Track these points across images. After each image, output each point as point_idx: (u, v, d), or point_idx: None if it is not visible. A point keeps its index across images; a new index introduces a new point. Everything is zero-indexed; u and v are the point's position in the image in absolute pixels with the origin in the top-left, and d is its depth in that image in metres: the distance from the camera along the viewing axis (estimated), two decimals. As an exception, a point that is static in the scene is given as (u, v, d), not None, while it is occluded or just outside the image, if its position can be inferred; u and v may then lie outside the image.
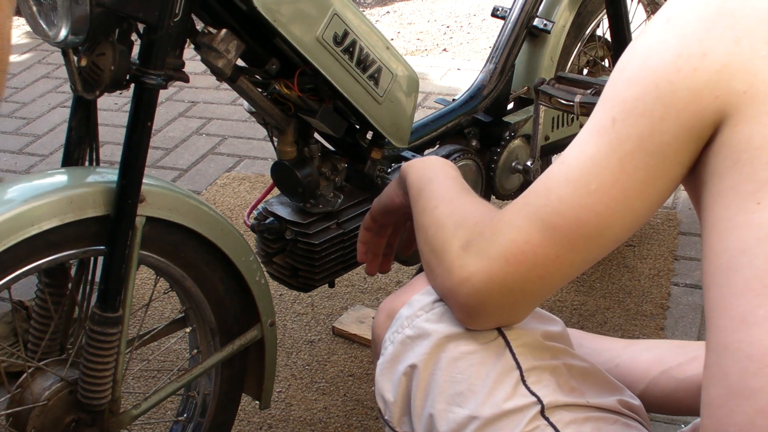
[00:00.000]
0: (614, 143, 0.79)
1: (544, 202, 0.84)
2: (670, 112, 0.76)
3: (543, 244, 0.84)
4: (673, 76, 0.76)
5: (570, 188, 0.82)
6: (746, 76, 0.73)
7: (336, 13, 1.29)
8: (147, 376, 1.79)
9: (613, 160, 0.79)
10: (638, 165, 0.78)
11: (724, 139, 0.74)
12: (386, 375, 1.00)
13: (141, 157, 1.16)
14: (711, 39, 0.75)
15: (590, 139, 0.82)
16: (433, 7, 3.99)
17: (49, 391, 1.22)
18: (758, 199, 0.70)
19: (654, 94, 0.77)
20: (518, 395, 0.90)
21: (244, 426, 1.67)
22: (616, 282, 2.04)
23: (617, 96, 0.80)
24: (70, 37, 1.11)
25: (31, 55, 3.53)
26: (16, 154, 2.76)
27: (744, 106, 0.73)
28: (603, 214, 0.81)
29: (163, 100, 3.00)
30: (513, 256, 0.86)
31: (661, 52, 0.77)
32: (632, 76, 0.79)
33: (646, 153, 0.78)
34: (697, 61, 0.75)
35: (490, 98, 1.72)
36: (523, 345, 0.93)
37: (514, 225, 0.86)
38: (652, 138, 0.77)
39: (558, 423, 0.89)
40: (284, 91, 1.34)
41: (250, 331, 1.37)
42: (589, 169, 0.81)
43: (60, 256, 1.16)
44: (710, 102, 0.75)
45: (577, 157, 0.83)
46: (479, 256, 0.88)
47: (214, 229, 1.27)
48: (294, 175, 1.42)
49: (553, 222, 0.83)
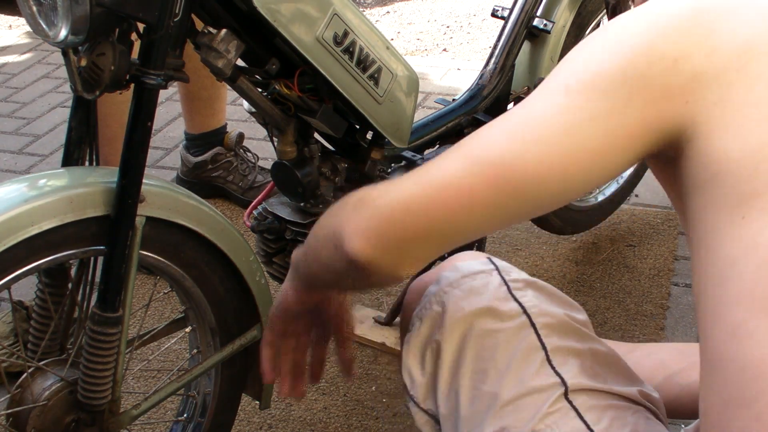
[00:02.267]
0: (563, 108, 0.77)
1: (475, 143, 0.82)
2: (635, 102, 0.75)
3: (465, 175, 0.79)
4: (643, 68, 0.75)
5: (502, 134, 0.80)
6: (719, 88, 0.73)
7: (336, 13, 1.29)
8: (147, 376, 1.79)
9: (558, 121, 0.77)
10: (585, 138, 0.77)
11: (700, 149, 0.74)
12: (413, 351, 1.00)
13: (141, 157, 1.16)
14: (686, 45, 0.74)
15: (538, 98, 0.80)
16: (433, 7, 3.99)
17: (49, 391, 1.22)
18: (743, 213, 0.70)
19: (621, 78, 0.76)
20: (544, 374, 0.91)
21: (244, 426, 1.67)
22: (616, 282, 2.04)
23: (577, 67, 0.79)
24: (70, 37, 1.11)
25: (31, 55, 3.53)
26: (16, 154, 2.76)
27: (716, 118, 0.73)
28: (532, 169, 0.78)
29: (163, 100, 2.99)
30: (427, 183, 0.81)
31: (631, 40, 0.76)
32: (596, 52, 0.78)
33: (597, 129, 0.76)
34: (670, 63, 0.74)
35: (490, 98, 1.72)
36: (548, 326, 0.94)
37: (437, 160, 0.83)
38: (608, 118, 0.76)
39: (580, 407, 0.90)
40: (284, 91, 1.34)
41: (250, 331, 1.37)
42: (529, 121, 0.79)
43: (60, 256, 1.15)
44: (680, 105, 0.74)
45: (519, 111, 0.81)
46: (390, 183, 0.84)
47: (214, 229, 1.27)
48: (294, 175, 1.42)
49: (476, 155, 0.80)
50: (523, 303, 0.96)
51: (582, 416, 0.89)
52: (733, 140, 0.72)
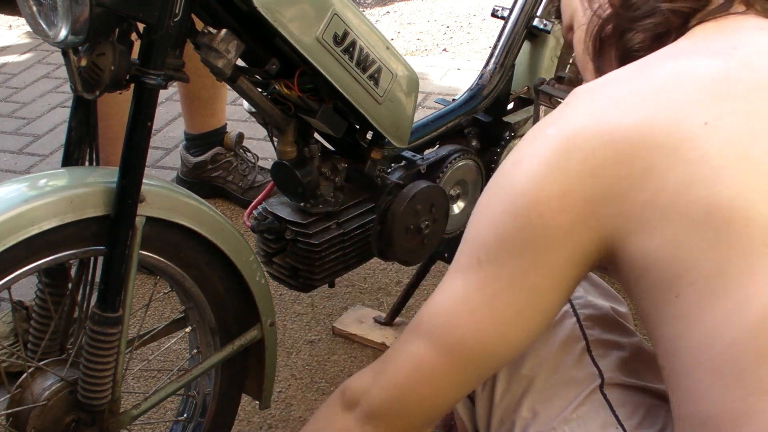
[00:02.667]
0: (482, 282, 0.82)
1: (413, 337, 0.87)
2: (544, 252, 0.79)
3: (421, 366, 0.86)
4: (537, 221, 0.78)
5: (439, 322, 0.85)
6: (614, 201, 0.76)
7: (336, 13, 1.29)
8: (147, 376, 1.79)
9: (481, 297, 0.82)
10: (510, 301, 0.81)
11: (622, 256, 0.77)
12: None
13: (141, 157, 1.16)
14: (568, 178, 0.76)
15: (457, 277, 0.85)
16: (433, 7, 3.99)
17: (49, 391, 1.22)
18: (675, 292, 0.74)
19: (521, 239, 0.79)
20: (583, 365, 0.93)
21: (244, 426, 1.67)
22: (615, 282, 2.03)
23: (481, 237, 0.83)
24: (70, 37, 1.11)
25: (31, 55, 3.53)
26: (16, 154, 2.76)
27: (623, 224, 0.76)
28: (473, 347, 0.84)
29: (163, 100, 2.99)
30: (401, 384, 0.88)
31: (519, 197, 0.79)
32: (494, 219, 0.81)
33: (519, 290, 0.81)
34: (559, 204, 0.77)
35: (490, 98, 1.72)
36: (591, 318, 0.95)
37: (391, 356, 0.90)
38: (526, 276, 0.80)
39: (614, 402, 0.91)
40: (284, 91, 1.34)
41: (250, 331, 1.37)
42: (456, 305, 0.84)
43: (60, 256, 1.15)
44: (585, 233, 0.77)
45: (446, 294, 0.86)
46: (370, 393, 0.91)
47: (214, 229, 1.27)
48: (294, 175, 1.42)
49: (422, 354, 0.86)
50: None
51: (614, 410, 0.91)
52: (647, 238, 0.75)
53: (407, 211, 1.50)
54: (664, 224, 0.74)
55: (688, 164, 0.73)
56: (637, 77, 0.79)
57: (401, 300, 1.87)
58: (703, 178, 0.72)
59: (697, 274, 0.73)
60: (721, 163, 0.72)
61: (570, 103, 0.81)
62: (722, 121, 0.74)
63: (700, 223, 0.72)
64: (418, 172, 1.57)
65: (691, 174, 0.73)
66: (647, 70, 0.79)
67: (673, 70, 0.78)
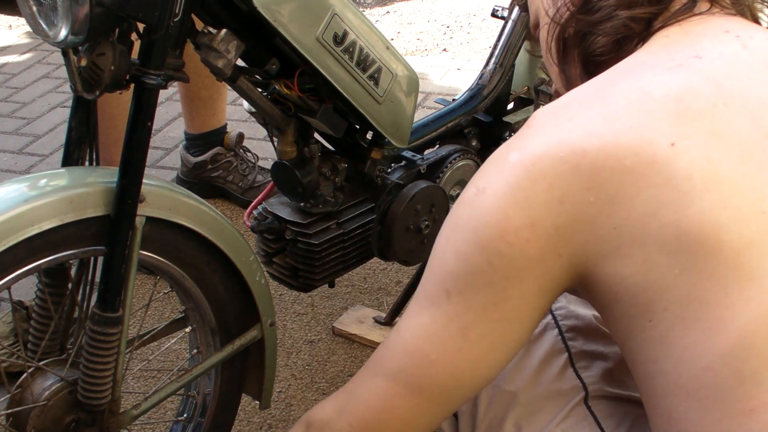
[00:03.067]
0: (452, 315, 0.80)
1: (383, 373, 0.85)
2: (513, 282, 0.77)
3: (393, 411, 0.84)
4: (505, 251, 0.76)
5: (408, 359, 0.83)
6: (583, 227, 0.74)
7: (336, 13, 1.29)
8: (147, 376, 1.79)
9: (452, 331, 0.80)
10: (483, 332, 0.79)
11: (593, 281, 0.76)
12: None
13: (141, 157, 1.16)
14: (534, 207, 0.75)
15: (424, 311, 0.82)
16: (433, 7, 3.99)
17: (49, 391, 1.22)
18: (649, 317, 0.73)
19: (489, 269, 0.77)
20: (566, 378, 0.92)
21: (244, 426, 1.67)
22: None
23: (447, 269, 0.80)
24: (70, 37, 1.11)
25: (31, 55, 3.53)
26: (16, 154, 2.76)
27: (593, 252, 0.75)
28: (447, 381, 0.82)
29: (163, 100, 2.99)
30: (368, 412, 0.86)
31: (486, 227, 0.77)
32: (460, 250, 0.79)
33: (491, 321, 0.79)
34: (527, 232, 0.75)
35: (490, 98, 1.72)
36: (574, 329, 0.94)
37: (359, 397, 0.87)
38: (496, 307, 0.78)
39: (599, 413, 0.90)
40: (284, 91, 1.34)
41: (250, 331, 1.37)
42: (426, 340, 0.81)
43: (60, 256, 1.15)
44: (555, 261, 0.76)
45: (414, 329, 0.83)
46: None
47: (214, 229, 1.27)
48: (294, 175, 1.42)
49: (394, 393, 0.84)
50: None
51: (600, 423, 0.90)
52: (618, 263, 0.74)
53: (407, 211, 1.50)
54: (635, 249, 0.73)
55: (656, 188, 0.72)
56: (599, 97, 0.77)
57: (401, 300, 1.87)
58: (671, 202, 0.71)
59: (670, 299, 0.72)
60: (690, 185, 0.71)
61: (532, 126, 0.78)
62: (688, 141, 0.72)
63: (671, 248, 0.71)
64: (418, 172, 1.57)
65: (659, 198, 0.71)
66: (609, 87, 0.77)
67: (635, 87, 0.76)
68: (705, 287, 0.71)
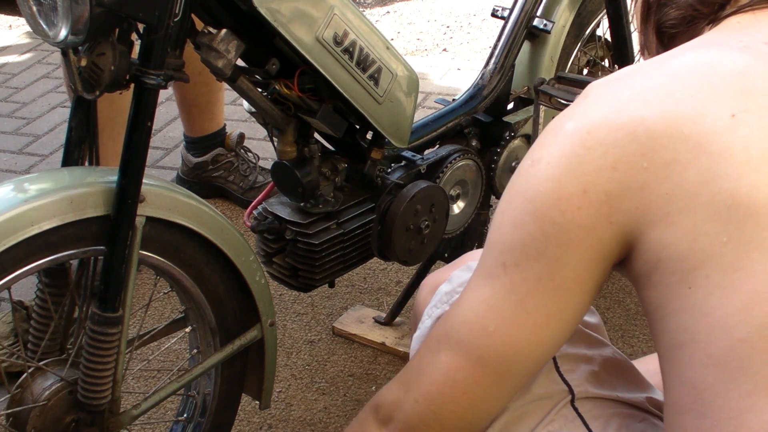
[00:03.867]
0: (509, 287, 0.81)
1: (445, 346, 0.86)
2: (566, 251, 0.78)
3: (454, 383, 0.85)
4: (558, 219, 0.77)
5: (467, 331, 0.84)
6: (634, 194, 0.75)
7: (336, 13, 1.29)
8: (147, 376, 1.79)
9: (509, 302, 0.81)
10: (538, 303, 0.80)
11: (640, 250, 0.76)
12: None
13: (141, 157, 1.16)
14: (587, 174, 0.76)
15: (483, 282, 0.84)
16: (433, 7, 3.98)
17: (49, 391, 1.22)
18: (688, 284, 0.73)
19: (543, 239, 0.78)
20: (551, 381, 0.91)
21: (244, 426, 1.67)
22: (616, 282, 2.04)
23: (504, 241, 0.82)
24: (70, 37, 1.11)
25: (31, 55, 3.53)
26: (16, 154, 2.76)
27: (643, 218, 0.75)
28: (506, 353, 0.83)
29: (163, 100, 2.99)
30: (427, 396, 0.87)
31: (539, 196, 0.78)
32: (516, 221, 0.81)
33: (546, 291, 0.80)
34: (580, 199, 0.76)
35: (490, 98, 1.72)
36: None
37: (422, 370, 0.88)
38: (551, 277, 0.79)
39: (586, 414, 0.90)
40: (284, 91, 1.34)
41: (250, 331, 1.37)
42: (485, 312, 0.83)
43: (60, 256, 1.15)
44: (606, 228, 0.77)
45: (472, 301, 0.85)
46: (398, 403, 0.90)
47: (214, 229, 1.27)
48: (294, 175, 1.42)
49: (456, 365, 0.85)
50: None
51: (587, 424, 0.89)
52: (665, 230, 0.74)
53: (407, 211, 1.50)
54: (685, 215, 0.73)
55: (712, 157, 0.72)
56: (662, 69, 0.78)
57: (401, 300, 1.87)
58: (726, 171, 0.72)
59: (713, 266, 0.72)
60: (746, 156, 0.72)
61: (589, 96, 0.80)
62: (749, 115, 0.73)
63: (720, 216, 0.71)
64: (418, 172, 1.57)
65: (714, 167, 0.72)
66: (673, 60, 0.79)
67: (699, 60, 0.77)
68: (751, 258, 0.71)
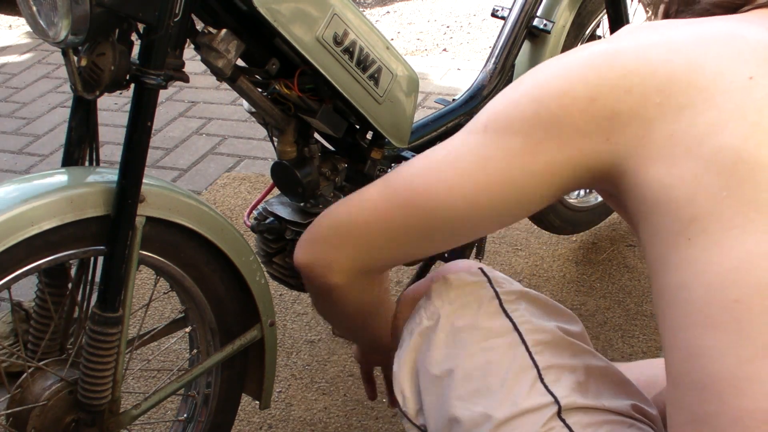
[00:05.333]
0: (480, 144, 0.83)
1: (395, 171, 0.90)
2: (551, 139, 0.80)
3: (380, 198, 0.89)
4: (556, 111, 0.79)
5: (421, 164, 0.88)
6: (640, 123, 0.76)
7: (336, 13, 1.29)
8: (147, 376, 1.79)
9: (473, 156, 0.84)
10: (498, 169, 0.82)
11: (634, 182, 0.77)
12: (404, 368, 1.00)
13: (141, 157, 1.16)
14: (601, 86, 0.77)
15: (459, 135, 0.87)
16: (433, 7, 3.99)
17: (49, 391, 1.22)
18: (688, 235, 0.73)
19: (534, 119, 0.80)
20: (536, 394, 0.91)
21: (244, 426, 1.67)
22: (616, 282, 2.04)
23: (496, 109, 0.84)
24: (70, 37, 1.11)
25: (31, 55, 3.53)
26: (16, 154, 2.76)
27: (643, 149, 0.76)
28: (445, 198, 0.85)
29: (163, 100, 3.00)
30: (355, 210, 0.92)
31: (546, 86, 0.81)
32: (514, 97, 0.83)
33: (511, 163, 0.82)
34: (584, 104, 0.78)
35: (490, 98, 1.71)
36: (540, 343, 0.94)
37: (366, 187, 0.93)
38: (523, 154, 0.81)
39: (574, 426, 0.89)
40: (284, 91, 1.34)
41: (250, 331, 1.37)
42: (447, 155, 0.86)
43: (60, 256, 1.15)
44: (601, 143, 0.78)
45: (441, 146, 0.88)
46: (327, 209, 0.96)
47: (214, 229, 1.27)
48: (294, 175, 1.42)
49: (395, 186, 0.89)
50: (515, 318, 0.95)
51: None
52: (665, 170, 0.75)
53: (407, 211, 1.50)
54: (687, 160, 0.73)
55: (723, 112, 0.73)
56: (691, 27, 0.80)
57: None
58: (736, 128, 0.72)
59: (712, 220, 0.72)
60: (758, 118, 0.72)
61: (623, 31, 0.82)
62: (766, 80, 0.74)
63: (724, 170, 0.72)
64: (418, 172, 1.57)
65: (725, 121, 0.72)
66: (701, 23, 0.80)
67: (729, 27, 0.78)
68: (751, 218, 0.71)
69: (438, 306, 0.98)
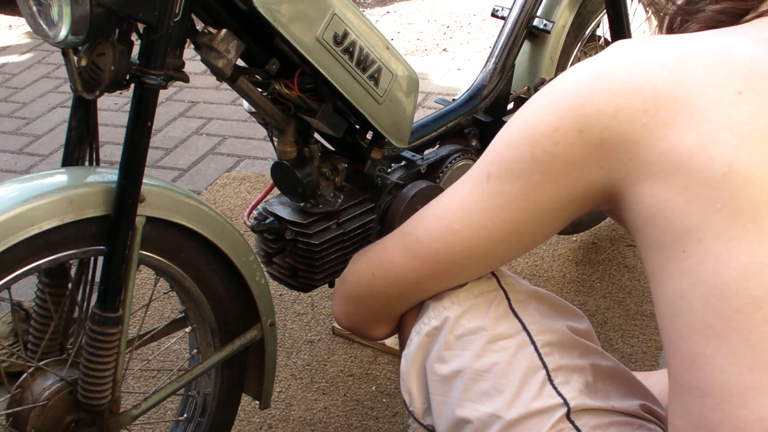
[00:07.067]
0: (485, 194, 0.88)
1: (411, 230, 0.96)
2: (549, 179, 0.83)
3: (404, 267, 0.96)
4: (550, 149, 0.82)
5: (435, 223, 0.93)
6: (629, 145, 0.77)
7: (336, 13, 1.29)
8: (147, 376, 1.79)
9: (481, 208, 0.88)
10: (506, 217, 0.87)
11: (630, 200, 0.79)
12: (411, 368, 1.00)
13: (141, 157, 1.16)
14: (587, 115, 0.79)
15: (465, 185, 0.91)
16: (433, 7, 3.99)
17: (49, 391, 1.22)
18: (683, 247, 0.74)
19: (531, 161, 0.83)
20: (545, 395, 0.91)
21: (244, 426, 1.67)
22: (616, 282, 2.04)
23: (495, 154, 0.88)
24: (70, 37, 1.11)
25: (31, 55, 3.53)
26: (16, 154, 2.76)
27: (635, 170, 0.78)
28: (462, 252, 0.91)
29: (163, 100, 3.00)
30: (378, 271, 0.99)
31: (538, 124, 0.83)
32: (511, 140, 0.86)
33: (516, 209, 0.86)
34: (574, 137, 0.80)
35: (490, 98, 1.72)
36: (549, 344, 0.94)
37: (385, 244, 1.00)
38: (526, 198, 0.85)
39: (583, 427, 0.89)
40: (284, 91, 1.34)
41: (250, 331, 1.37)
42: (456, 211, 0.90)
43: (60, 256, 1.15)
44: (595, 171, 0.80)
45: (450, 198, 0.93)
46: (353, 262, 1.05)
47: (214, 229, 1.27)
48: (294, 175, 1.42)
49: (414, 250, 0.95)
50: (524, 319, 0.95)
51: None
52: (658, 186, 0.76)
53: (407, 211, 1.50)
54: (679, 176, 0.74)
55: (713, 125, 0.73)
56: (679, 41, 0.81)
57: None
58: (726, 140, 0.73)
59: (707, 232, 0.72)
60: (747, 130, 0.73)
61: (609, 50, 0.83)
62: (755, 94, 0.74)
63: (716, 183, 0.72)
64: (418, 172, 1.57)
65: (714, 134, 0.73)
66: (693, 37, 0.81)
67: (717, 41, 0.79)
68: (746, 229, 0.71)
69: (446, 306, 0.98)
